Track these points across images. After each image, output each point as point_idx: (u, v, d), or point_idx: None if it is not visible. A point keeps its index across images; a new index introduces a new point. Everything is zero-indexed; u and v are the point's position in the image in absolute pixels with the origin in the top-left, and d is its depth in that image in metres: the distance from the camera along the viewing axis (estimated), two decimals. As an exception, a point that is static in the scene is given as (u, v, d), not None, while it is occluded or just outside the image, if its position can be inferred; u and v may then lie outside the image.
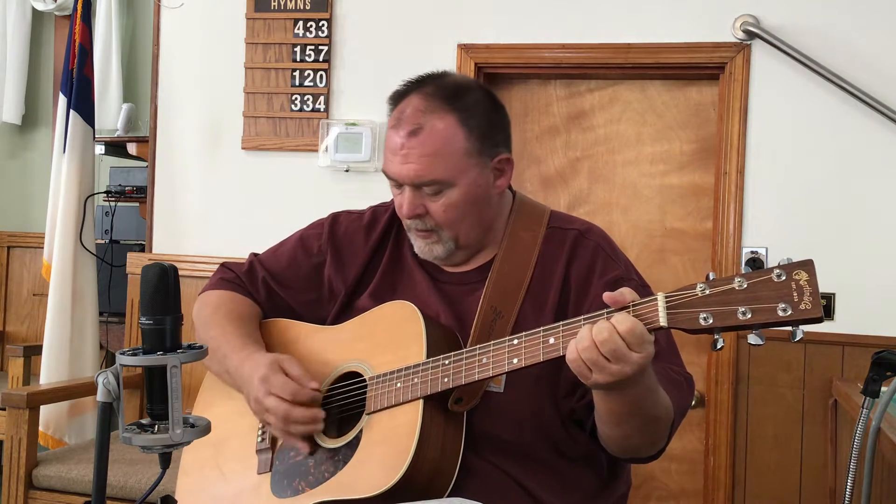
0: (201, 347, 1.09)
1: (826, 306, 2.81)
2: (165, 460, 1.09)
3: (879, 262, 2.81)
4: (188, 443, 1.06)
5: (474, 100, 1.53)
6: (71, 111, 3.33)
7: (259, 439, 1.58)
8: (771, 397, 2.87)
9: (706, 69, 2.97)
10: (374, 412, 1.45)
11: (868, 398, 1.82)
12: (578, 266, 1.53)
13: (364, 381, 1.50)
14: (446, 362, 1.40)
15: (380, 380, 1.46)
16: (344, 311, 1.65)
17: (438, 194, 1.50)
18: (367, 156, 3.15)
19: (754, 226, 2.89)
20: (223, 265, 1.78)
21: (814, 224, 2.85)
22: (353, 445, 1.45)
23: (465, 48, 3.11)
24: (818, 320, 1.15)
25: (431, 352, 1.43)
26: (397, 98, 1.56)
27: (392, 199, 1.71)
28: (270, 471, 1.53)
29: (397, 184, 1.53)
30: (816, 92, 2.84)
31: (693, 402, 2.96)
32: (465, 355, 1.39)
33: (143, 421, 1.07)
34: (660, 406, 1.37)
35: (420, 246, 1.57)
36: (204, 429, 1.08)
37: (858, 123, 2.82)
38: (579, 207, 3.11)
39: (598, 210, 3.11)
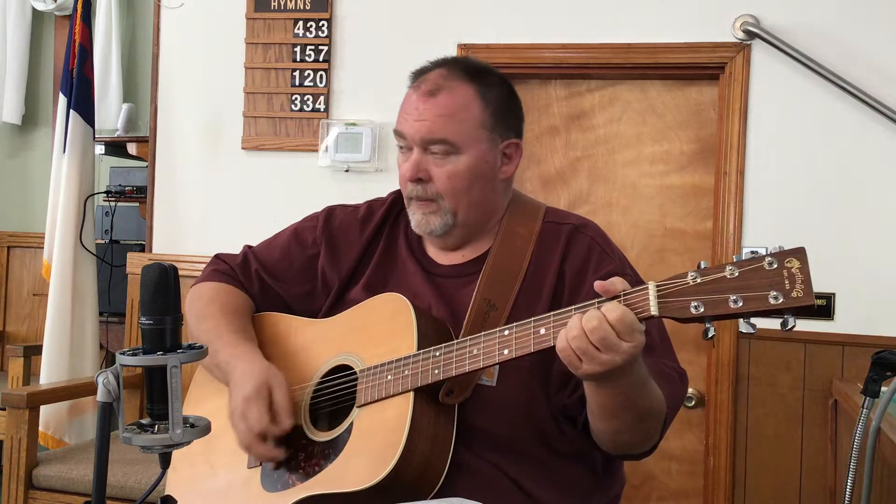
0: (201, 347, 1.09)
1: (826, 306, 2.81)
2: (165, 460, 1.09)
3: (879, 262, 2.81)
4: (188, 443, 1.06)
5: (495, 80, 1.57)
6: (71, 111, 3.33)
7: None
8: (771, 397, 2.87)
9: (706, 69, 2.97)
10: (364, 405, 1.45)
11: (868, 398, 1.82)
12: (573, 261, 1.54)
13: (355, 373, 1.50)
14: (437, 354, 1.40)
15: (370, 372, 1.46)
16: (337, 304, 1.65)
17: (445, 157, 1.51)
18: (367, 156, 3.15)
19: (754, 226, 2.89)
20: (217, 256, 1.77)
21: (814, 224, 2.85)
22: (344, 439, 1.45)
23: (465, 48, 3.11)
24: (810, 308, 1.15)
25: (422, 344, 1.43)
26: (420, 72, 1.58)
27: (388, 194, 1.71)
28: (260, 465, 1.53)
29: (406, 146, 1.54)
30: (816, 92, 2.84)
31: (692, 402, 2.98)
32: (455, 347, 1.39)
33: (143, 421, 1.07)
34: (652, 400, 1.36)
35: (418, 219, 1.56)
36: (204, 429, 1.08)
37: (858, 123, 2.82)
38: (579, 207, 3.11)
39: (598, 210, 3.11)
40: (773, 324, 1.20)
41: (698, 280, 1.20)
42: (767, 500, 2.88)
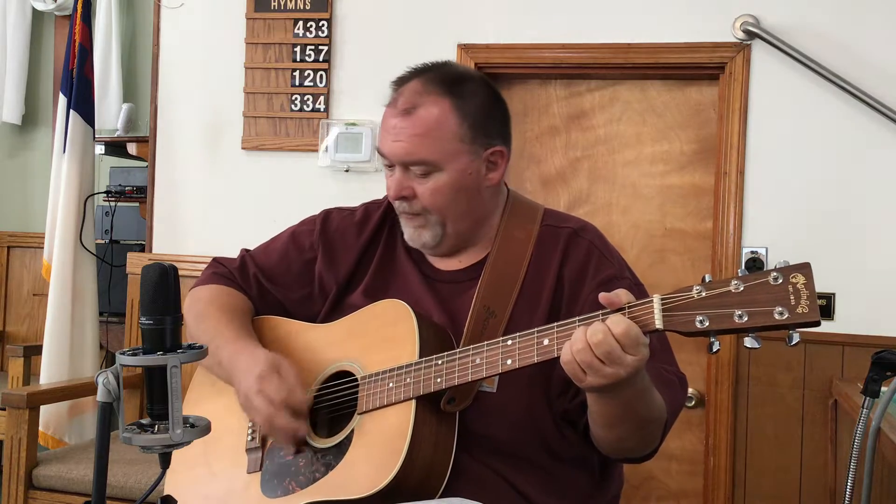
0: (201, 347, 1.09)
1: (826, 306, 2.81)
2: (165, 460, 1.09)
3: (879, 262, 2.81)
4: (188, 443, 1.06)
5: (472, 89, 1.55)
6: (71, 111, 3.34)
7: (249, 438, 1.57)
8: (771, 397, 2.87)
9: (706, 69, 2.97)
10: (365, 412, 1.45)
11: (868, 398, 1.82)
12: (572, 265, 1.53)
13: (356, 380, 1.49)
14: (439, 362, 1.39)
15: (372, 379, 1.46)
16: (335, 308, 1.64)
17: (426, 176, 1.51)
18: (367, 156, 3.15)
19: (754, 226, 2.89)
20: (215, 260, 1.77)
21: (814, 224, 2.85)
22: (345, 445, 1.44)
23: (465, 48, 3.11)
24: (815, 324, 1.15)
25: (424, 351, 1.42)
26: (399, 82, 1.58)
27: (385, 196, 1.71)
28: (260, 470, 1.52)
29: (389, 164, 1.55)
30: (816, 92, 2.84)
31: (691, 402, 2.98)
32: (458, 355, 1.38)
33: (143, 421, 1.07)
34: (653, 408, 1.36)
35: (409, 233, 1.57)
36: (204, 429, 1.08)
37: (858, 123, 2.82)
38: (579, 207, 3.11)
39: (598, 210, 3.11)
40: (773, 324, 1.20)
41: (703, 294, 1.19)
42: (767, 500, 2.88)
